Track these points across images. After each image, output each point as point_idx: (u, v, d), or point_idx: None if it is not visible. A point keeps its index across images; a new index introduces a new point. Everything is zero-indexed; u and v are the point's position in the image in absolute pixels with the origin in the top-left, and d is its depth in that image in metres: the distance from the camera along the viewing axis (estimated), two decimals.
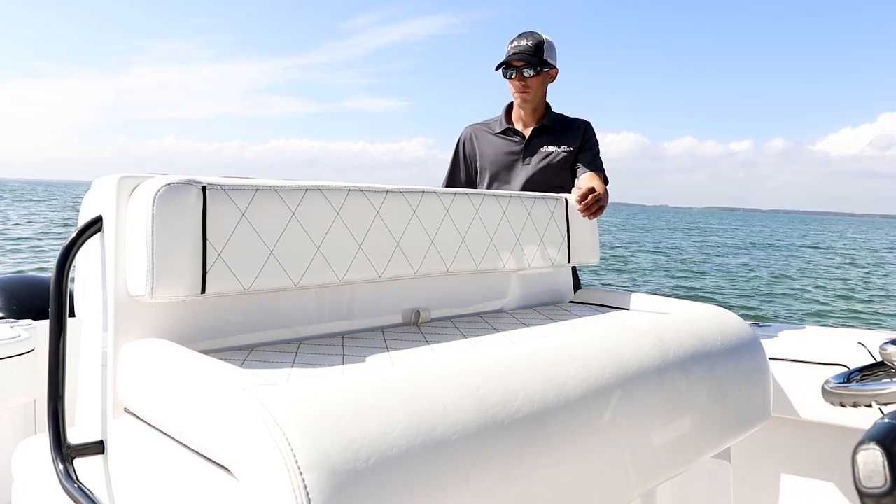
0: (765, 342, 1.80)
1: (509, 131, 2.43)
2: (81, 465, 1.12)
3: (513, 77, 2.34)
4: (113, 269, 1.09)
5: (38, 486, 1.21)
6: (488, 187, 2.40)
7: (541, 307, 1.83)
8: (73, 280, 1.17)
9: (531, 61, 2.30)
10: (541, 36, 2.33)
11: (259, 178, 1.22)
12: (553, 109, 2.47)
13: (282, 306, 1.29)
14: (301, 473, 0.71)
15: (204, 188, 1.09)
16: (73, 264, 1.10)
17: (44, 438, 1.23)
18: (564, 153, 2.37)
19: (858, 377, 1.17)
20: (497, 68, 2.35)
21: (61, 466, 1.03)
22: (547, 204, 1.79)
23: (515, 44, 2.32)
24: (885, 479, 0.71)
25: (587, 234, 1.90)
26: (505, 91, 2.43)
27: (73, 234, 1.09)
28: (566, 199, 1.87)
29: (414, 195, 1.43)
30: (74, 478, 1.02)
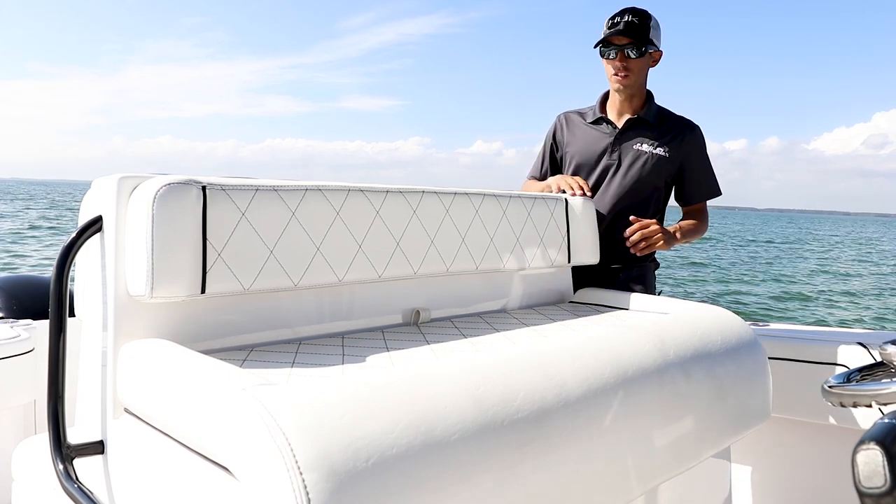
0: (765, 342, 1.80)
1: (601, 121, 2.14)
2: (81, 465, 1.12)
3: (612, 57, 2.02)
4: (113, 269, 1.09)
5: (38, 486, 1.21)
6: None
7: (541, 307, 1.83)
8: (73, 280, 1.17)
9: (636, 40, 1.98)
10: (647, 12, 2.02)
11: (259, 178, 1.22)
12: (656, 101, 2.16)
13: (282, 306, 1.29)
14: (301, 473, 0.71)
15: (204, 188, 1.09)
16: (73, 264, 1.10)
17: (44, 438, 1.23)
18: (659, 157, 2.06)
19: (858, 377, 1.17)
20: (595, 46, 2.05)
21: (61, 466, 1.03)
22: (547, 204, 1.80)
23: (618, 19, 2.00)
24: (885, 479, 0.71)
25: (587, 234, 1.91)
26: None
27: (73, 234, 1.09)
28: (566, 200, 1.87)
29: (414, 195, 1.43)
30: (74, 478, 1.02)
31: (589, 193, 1.98)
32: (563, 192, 1.98)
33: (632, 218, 1.95)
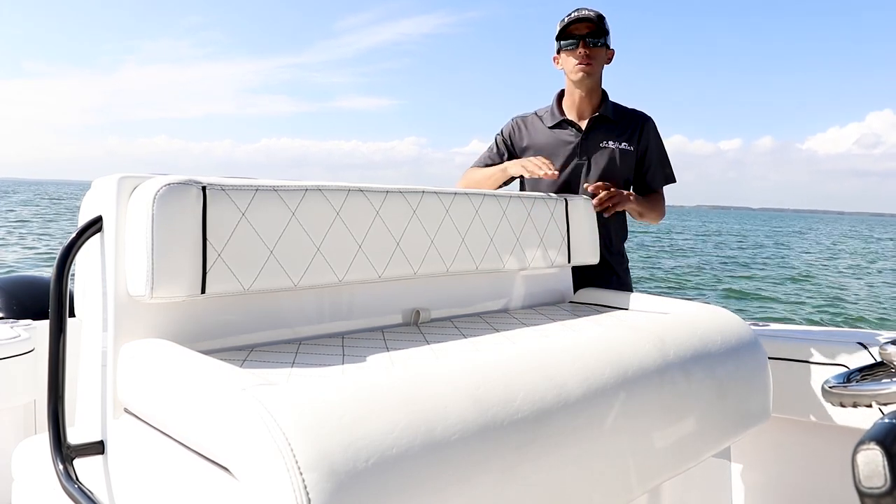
0: (765, 342, 1.80)
1: (563, 123, 2.14)
2: (81, 465, 1.12)
3: (575, 48, 2.04)
4: (113, 270, 1.09)
5: (38, 486, 1.21)
6: (537, 183, 2.17)
7: (541, 307, 1.83)
8: (73, 280, 1.17)
9: (598, 29, 2.03)
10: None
11: (259, 179, 1.22)
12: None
13: (282, 306, 1.29)
14: (301, 473, 0.71)
15: (204, 188, 1.09)
16: (73, 264, 1.10)
17: (44, 438, 1.23)
18: (624, 151, 2.12)
19: (858, 377, 1.17)
20: (558, 38, 2.07)
21: (61, 466, 1.03)
22: (547, 204, 1.80)
23: (576, 14, 2.04)
24: (885, 479, 0.71)
25: (587, 234, 1.91)
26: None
27: (74, 235, 1.09)
28: (566, 199, 1.87)
29: (414, 195, 1.43)
30: (74, 478, 1.02)
31: (556, 173, 1.88)
32: (530, 174, 1.94)
33: (598, 185, 1.99)
